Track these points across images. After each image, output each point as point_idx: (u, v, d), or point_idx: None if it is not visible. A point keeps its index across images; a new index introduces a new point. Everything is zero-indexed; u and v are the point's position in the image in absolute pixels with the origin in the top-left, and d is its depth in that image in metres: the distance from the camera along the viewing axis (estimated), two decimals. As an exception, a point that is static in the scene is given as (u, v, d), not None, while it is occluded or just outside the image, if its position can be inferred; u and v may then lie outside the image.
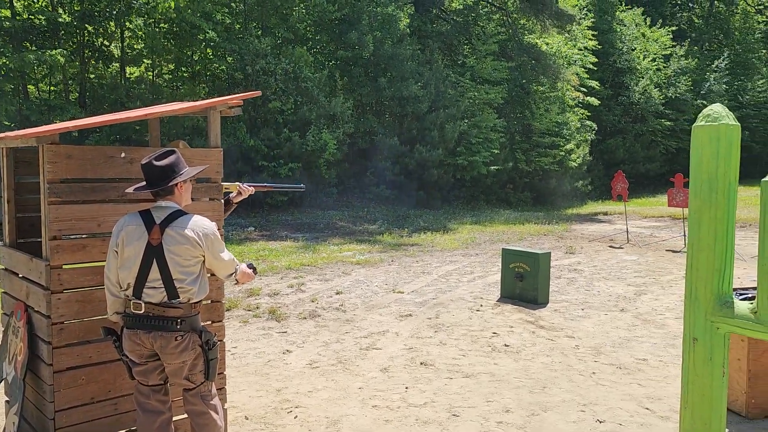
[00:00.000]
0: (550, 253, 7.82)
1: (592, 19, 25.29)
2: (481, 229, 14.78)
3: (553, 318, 7.00)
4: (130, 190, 3.21)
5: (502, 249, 8.05)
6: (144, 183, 3.16)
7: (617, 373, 5.25)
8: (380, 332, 6.50)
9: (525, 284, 7.63)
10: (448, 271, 9.71)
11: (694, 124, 2.58)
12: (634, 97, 26.75)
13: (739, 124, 2.54)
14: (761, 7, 39.99)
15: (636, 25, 29.16)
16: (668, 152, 28.28)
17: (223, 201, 3.92)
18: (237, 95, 3.94)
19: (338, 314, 7.21)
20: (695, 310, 2.66)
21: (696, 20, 37.75)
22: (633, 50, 28.16)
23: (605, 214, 18.62)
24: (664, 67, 28.64)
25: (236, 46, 16.19)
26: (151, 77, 17.79)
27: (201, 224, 3.12)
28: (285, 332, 6.53)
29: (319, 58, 18.53)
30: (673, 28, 31.28)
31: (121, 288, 3.13)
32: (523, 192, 21.46)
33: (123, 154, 3.50)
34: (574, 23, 22.75)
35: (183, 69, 17.71)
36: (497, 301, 7.79)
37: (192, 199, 3.44)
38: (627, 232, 13.30)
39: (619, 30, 28.31)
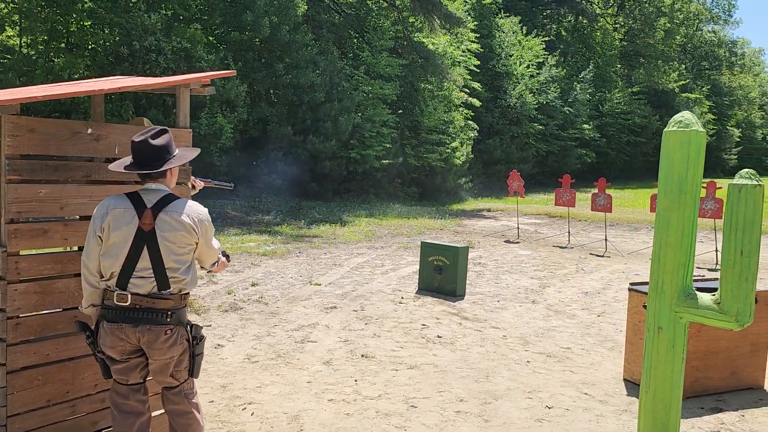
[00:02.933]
0: (468, 247, 8.06)
1: (474, 23, 26.31)
2: (377, 222, 14.92)
3: (474, 310, 7.24)
4: (115, 168, 2.88)
5: (422, 242, 8.18)
6: (131, 162, 2.87)
7: (549, 361, 5.53)
8: (310, 325, 6.38)
9: (444, 277, 7.82)
10: (358, 263, 9.72)
11: (666, 129, 2.78)
12: (511, 101, 28.24)
13: (705, 130, 2.78)
14: (617, 26, 43.85)
15: (513, 33, 30.75)
16: (539, 154, 30.13)
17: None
18: (209, 73, 3.68)
19: (261, 307, 6.99)
20: (661, 301, 2.87)
21: (564, 33, 40.55)
22: (511, 56, 29.69)
23: (489, 210, 19.50)
24: (537, 74, 30.47)
25: (122, 20, 15.07)
26: (17, 46, 16.07)
27: (196, 210, 2.90)
28: (209, 326, 6.22)
29: (210, 40, 17.71)
30: (546, 38, 33.37)
31: (102, 278, 2.83)
32: (411, 187, 21.91)
33: (90, 130, 3.16)
34: (461, 26, 23.52)
35: (57, 40, 16.17)
36: (416, 293, 7.91)
37: None
38: (518, 228, 14.03)
39: (498, 36, 29.72)
